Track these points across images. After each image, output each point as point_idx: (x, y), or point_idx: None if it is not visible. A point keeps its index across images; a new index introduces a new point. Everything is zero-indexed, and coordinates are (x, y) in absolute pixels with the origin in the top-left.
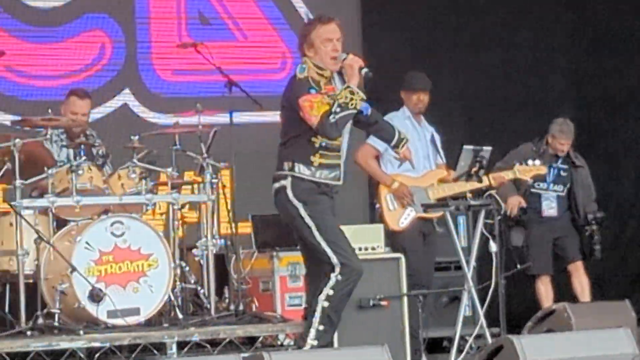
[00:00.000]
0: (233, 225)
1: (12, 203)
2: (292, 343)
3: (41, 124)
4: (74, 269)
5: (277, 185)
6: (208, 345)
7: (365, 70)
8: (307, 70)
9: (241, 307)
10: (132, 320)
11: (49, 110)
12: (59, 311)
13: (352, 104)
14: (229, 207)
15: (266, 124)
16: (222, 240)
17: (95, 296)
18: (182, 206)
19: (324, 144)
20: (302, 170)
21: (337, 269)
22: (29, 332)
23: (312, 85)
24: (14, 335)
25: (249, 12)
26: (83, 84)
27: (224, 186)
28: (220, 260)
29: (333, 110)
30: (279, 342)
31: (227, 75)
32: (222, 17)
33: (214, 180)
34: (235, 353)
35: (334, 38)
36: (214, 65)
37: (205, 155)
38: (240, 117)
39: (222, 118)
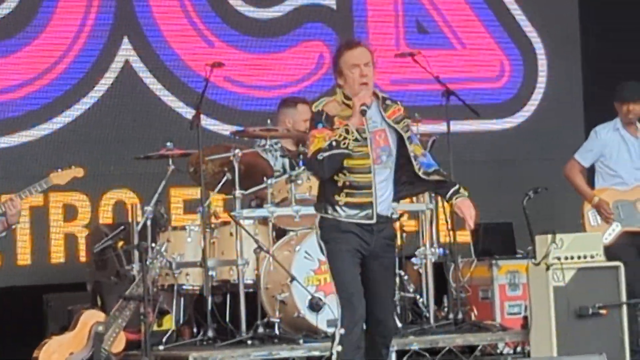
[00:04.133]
0: (452, 233)
1: (232, 213)
2: (511, 352)
3: (261, 134)
4: (293, 279)
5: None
6: (427, 354)
7: (363, 108)
8: (323, 104)
9: (460, 316)
10: None
11: (268, 121)
12: (278, 320)
13: (343, 144)
14: (447, 215)
15: (484, 132)
16: (441, 249)
17: (315, 305)
18: (401, 215)
19: (347, 183)
20: (328, 210)
21: (338, 322)
22: (249, 341)
23: (321, 120)
24: (235, 344)
25: (465, 17)
26: (301, 94)
27: None
28: (439, 269)
29: (323, 147)
30: (498, 351)
31: (445, 84)
32: (439, 25)
33: None
34: None
35: (361, 63)
36: (432, 74)
37: None
38: (458, 126)
39: (440, 127)
